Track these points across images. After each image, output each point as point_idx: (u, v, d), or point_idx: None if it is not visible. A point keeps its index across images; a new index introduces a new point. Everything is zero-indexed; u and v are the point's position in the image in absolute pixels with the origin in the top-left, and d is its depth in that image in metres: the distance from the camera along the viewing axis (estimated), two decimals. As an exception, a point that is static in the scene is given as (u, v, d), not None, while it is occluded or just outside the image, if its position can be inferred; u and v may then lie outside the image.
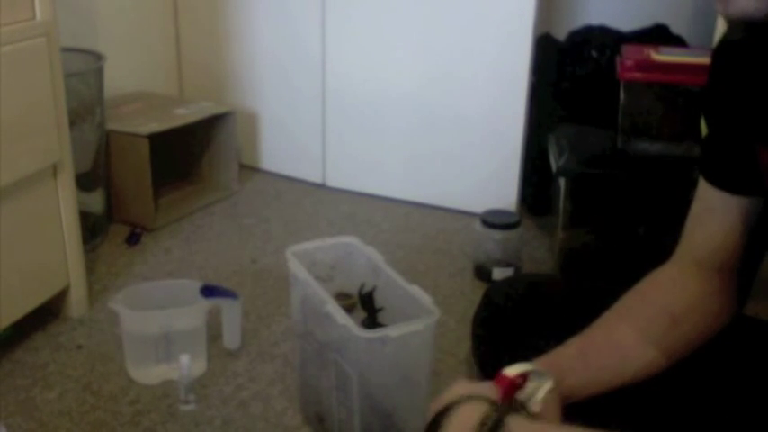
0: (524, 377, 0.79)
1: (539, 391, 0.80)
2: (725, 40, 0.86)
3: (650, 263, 0.95)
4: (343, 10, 2.14)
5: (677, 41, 2.09)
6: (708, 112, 0.88)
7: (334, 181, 2.32)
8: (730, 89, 0.84)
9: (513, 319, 1.17)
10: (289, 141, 2.36)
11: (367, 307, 1.27)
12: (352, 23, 2.14)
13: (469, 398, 0.75)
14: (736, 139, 0.83)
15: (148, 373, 1.43)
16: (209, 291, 1.45)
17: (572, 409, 0.84)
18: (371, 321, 1.26)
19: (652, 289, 0.92)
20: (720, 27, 1.85)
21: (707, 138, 0.88)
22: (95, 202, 1.93)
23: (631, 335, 0.88)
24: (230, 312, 1.49)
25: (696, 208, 0.91)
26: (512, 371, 0.79)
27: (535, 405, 0.80)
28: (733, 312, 0.91)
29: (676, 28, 2.10)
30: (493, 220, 1.79)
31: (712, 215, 0.88)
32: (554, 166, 1.81)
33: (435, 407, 0.77)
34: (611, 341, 0.88)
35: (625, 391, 0.88)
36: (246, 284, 1.77)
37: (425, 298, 1.14)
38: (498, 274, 1.78)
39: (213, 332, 1.50)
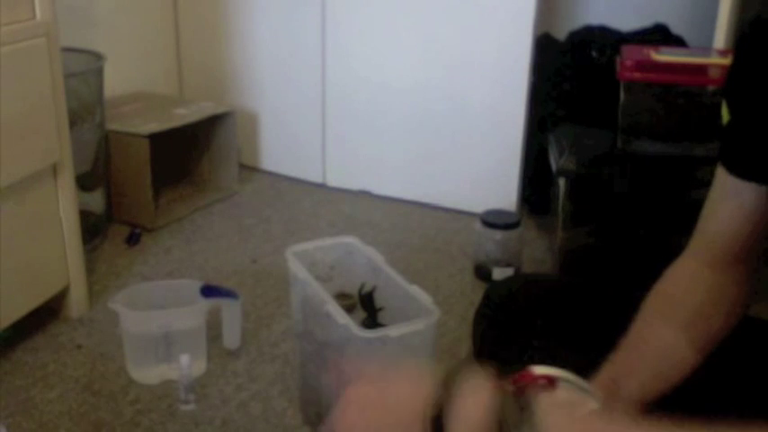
0: (551, 380, 0.77)
1: (578, 407, 0.77)
2: (753, 22, 0.83)
3: (650, 263, 0.95)
4: (343, 11, 2.14)
5: (677, 41, 2.09)
6: (731, 96, 0.85)
7: (334, 181, 2.32)
8: (756, 72, 0.82)
9: (513, 318, 1.17)
10: (289, 141, 2.36)
11: (367, 307, 1.27)
12: (351, 24, 2.14)
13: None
14: (760, 125, 0.82)
15: (148, 373, 1.43)
16: (209, 291, 1.45)
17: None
18: (371, 321, 1.26)
19: (677, 289, 0.90)
20: (720, 27, 1.86)
21: (729, 124, 0.85)
22: (95, 202, 1.93)
23: (674, 341, 0.86)
24: (230, 312, 1.49)
25: (713, 198, 0.89)
26: (539, 370, 0.76)
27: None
28: (748, 303, 0.90)
29: (676, 28, 2.10)
30: (493, 220, 1.79)
31: (730, 205, 0.86)
32: (554, 166, 1.81)
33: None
34: (656, 352, 0.87)
35: None
36: (246, 284, 1.77)
37: (425, 298, 1.14)
38: (498, 274, 1.78)
39: (213, 332, 1.50)
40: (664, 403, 0.91)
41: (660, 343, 0.87)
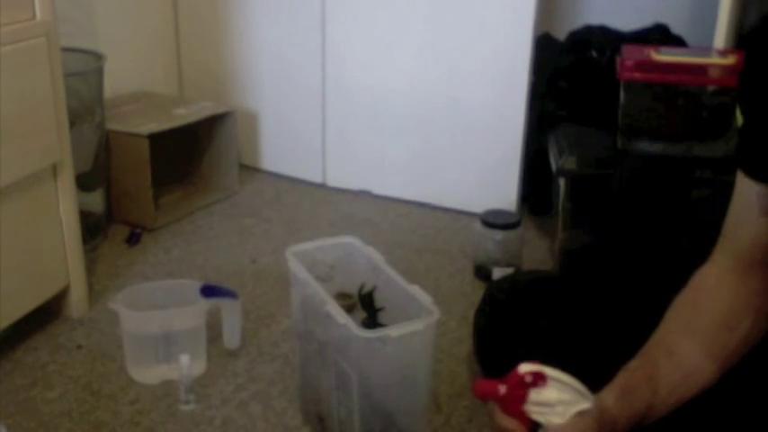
0: (539, 378, 0.77)
1: (570, 407, 0.77)
2: (762, 25, 0.83)
3: (650, 263, 0.95)
4: (343, 10, 2.14)
5: (677, 41, 2.08)
6: (743, 99, 0.85)
7: (334, 181, 2.32)
8: (766, 75, 0.81)
9: (514, 316, 1.17)
10: (289, 141, 2.36)
11: (367, 307, 1.27)
12: (352, 24, 2.14)
13: None
14: None
15: (148, 373, 1.43)
16: (209, 291, 1.45)
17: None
18: (371, 321, 1.26)
19: (702, 297, 0.89)
20: (720, 27, 1.86)
21: (743, 127, 0.85)
22: (95, 202, 1.93)
23: (694, 352, 0.86)
24: (230, 312, 1.49)
25: (735, 203, 0.88)
26: (525, 368, 0.77)
27: (558, 417, 0.78)
28: None
29: (676, 28, 2.10)
30: (493, 220, 1.79)
31: (752, 210, 0.85)
32: (554, 166, 1.81)
33: None
34: (675, 362, 0.86)
35: None
36: (246, 284, 1.77)
37: (425, 298, 1.14)
38: (498, 274, 1.77)
39: (213, 332, 1.50)
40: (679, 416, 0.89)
41: (681, 357, 0.86)
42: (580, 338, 1.07)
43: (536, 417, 0.78)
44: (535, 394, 0.77)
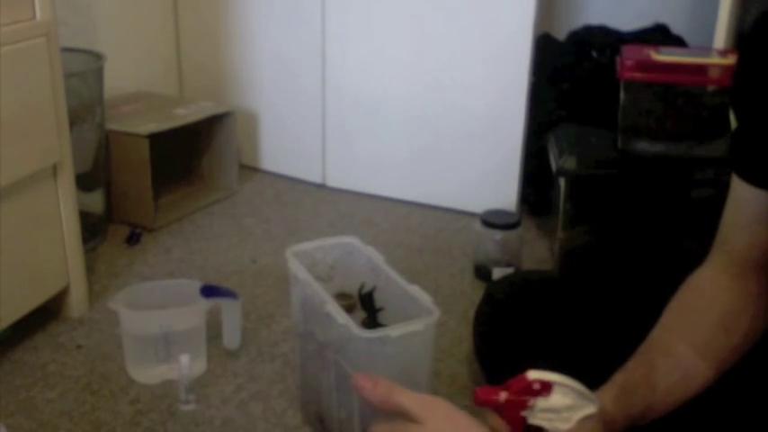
0: (546, 386, 0.76)
1: (575, 411, 0.77)
2: (757, 20, 0.83)
3: (650, 263, 0.95)
4: (343, 10, 2.14)
5: (677, 41, 2.09)
6: (737, 103, 0.85)
7: (334, 181, 2.32)
8: (760, 76, 0.81)
9: (514, 316, 1.17)
10: (289, 141, 2.36)
11: (367, 307, 1.27)
12: (352, 23, 2.14)
13: None
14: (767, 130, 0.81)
15: (148, 373, 1.43)
16: (209, 291, 1.45)
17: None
18: (371, 321, 1.26)
19: (698, 298, 0.89)
20: (720, 27, 1.86)
21: (736, 131, 0.85)
22: (95, 202, 1.93)
23: (691, 353, 0.85)
24: (230, 312, 1.49)
25: (730, 206, 0.88)
26: (534, 374, 0.75)
27: (564, 422, 0.77)
28: None
29: (676, 28, 2.11)
30: (493, 220, 1.79)
31: (747, 213, 0.85)
32: (554, 166, 1.81)
33: None
34: (672, 362, 0.85)
35: None
36: (246, 284, 1.77)
37: (425, 298, 1.14)
38: (498, 274, 1.78)
39: (213, 332, 1.50)
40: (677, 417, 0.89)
41: (678, 358, 0.85)
42: (580, 338, 1.07)
43: (542, 423, 0.77)
44: (542, 401, 0.76)
